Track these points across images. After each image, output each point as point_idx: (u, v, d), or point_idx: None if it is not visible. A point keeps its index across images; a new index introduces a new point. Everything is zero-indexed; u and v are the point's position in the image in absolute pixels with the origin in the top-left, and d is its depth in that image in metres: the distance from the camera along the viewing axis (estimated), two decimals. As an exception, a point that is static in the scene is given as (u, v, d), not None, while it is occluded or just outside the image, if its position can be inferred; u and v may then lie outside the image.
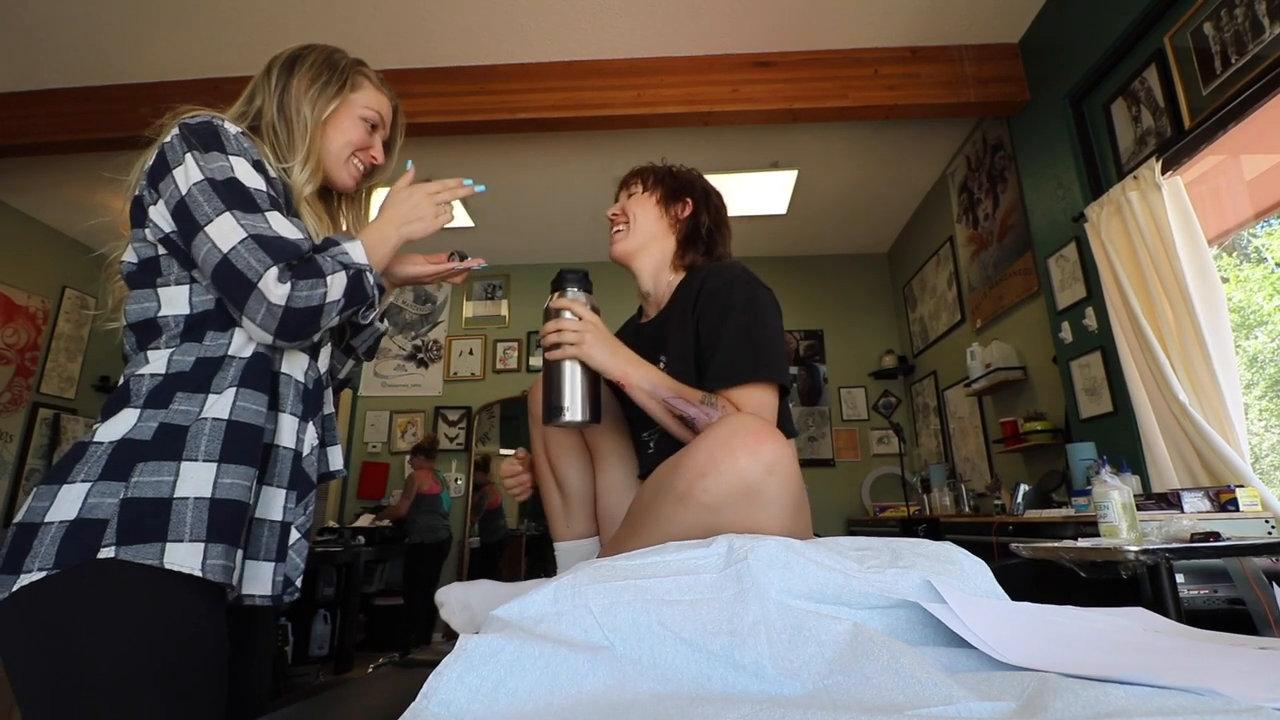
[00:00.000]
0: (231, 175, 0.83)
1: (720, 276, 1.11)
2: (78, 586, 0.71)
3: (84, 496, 0.73)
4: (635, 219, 1.25)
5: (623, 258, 1.26)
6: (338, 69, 0.99)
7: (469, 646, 0.50)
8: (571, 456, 1.21)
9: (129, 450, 0.76)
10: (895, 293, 5.17)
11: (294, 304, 0.80)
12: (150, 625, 0.72)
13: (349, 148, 1.00)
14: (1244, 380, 3.27)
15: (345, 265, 0.85)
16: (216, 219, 0.79)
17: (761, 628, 0.54)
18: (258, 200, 0.83)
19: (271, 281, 0.78)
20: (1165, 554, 1.45)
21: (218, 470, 0.77)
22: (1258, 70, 1.89)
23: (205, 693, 0.76)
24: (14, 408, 4.16)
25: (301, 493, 0.90)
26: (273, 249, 0.80)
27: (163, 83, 3.16)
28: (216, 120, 0.86)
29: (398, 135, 1.11)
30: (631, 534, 0.87)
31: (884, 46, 3.09)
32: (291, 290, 0.79)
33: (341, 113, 0.99)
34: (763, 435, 0.79)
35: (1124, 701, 0.40)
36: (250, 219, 0.81)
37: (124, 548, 0.71)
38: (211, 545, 0.75)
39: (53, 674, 0.70)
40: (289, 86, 0.95)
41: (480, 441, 5.31)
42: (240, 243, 0.79)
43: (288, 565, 0.87)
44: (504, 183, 4.20)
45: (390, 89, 1.07)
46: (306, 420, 0.91)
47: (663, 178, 1.29)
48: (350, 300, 0.85)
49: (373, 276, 0.89)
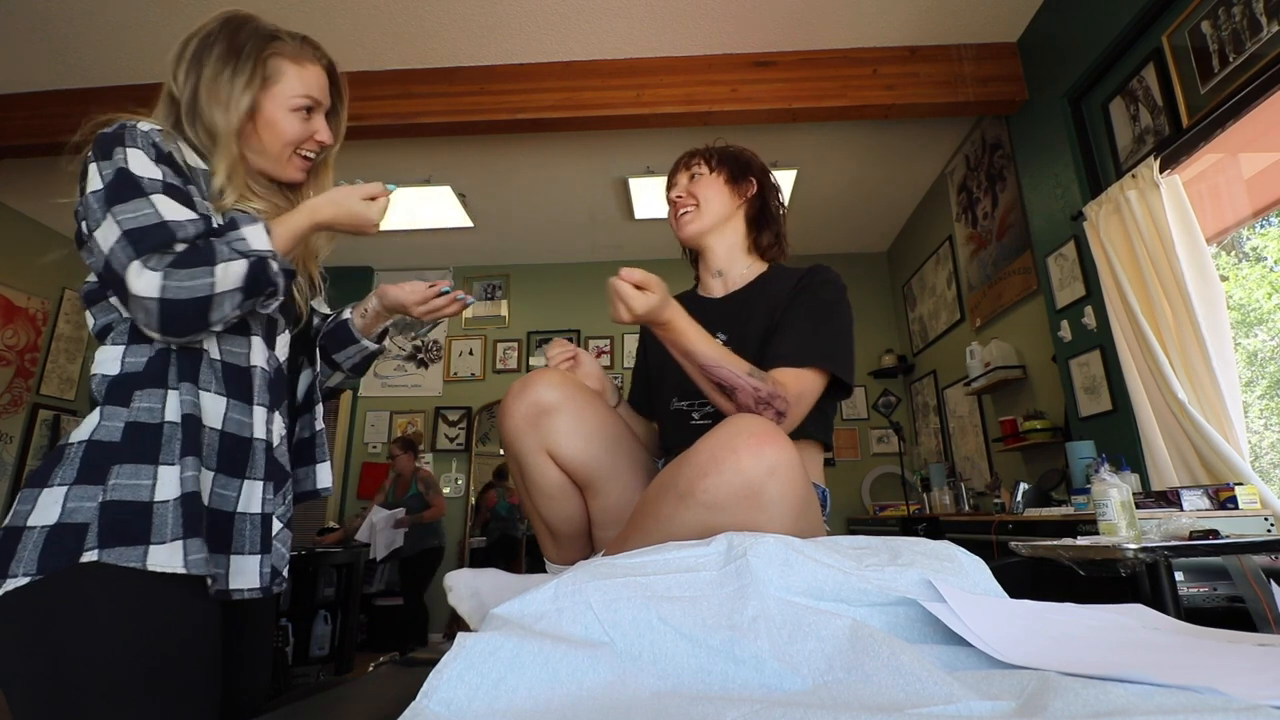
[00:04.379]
0: (122, 167, 0.79)
1: (819, 275, 1.15)
2: (64, 591, 0.71)
3: (63, 500, 0.73)
4: (705, 200, 1.26)
5: (695, 238, 1.27)
6: (243, 55, 0.89)
7: (469, 644, 0.50)
8: (556, 502, 1.06)
9: (100, 451, 0.76)
10: (895, 292, 5.17)
11: (170, 294, 0.75)
12: (139, 626, 0.72)
13: (288, 147, 0.93)
14: (1244, 379, 3.28)
15: (243, 253, 0.80)
16: (102, 224, 0.77)
17: (761, 623, 0.55)
18: (143, 185, 0.78)
19: (133, 275, 0.74)
20: (1164, 552, 1.45)
21: (180, 468, 0.77)
22: (1256, 69, 1.89)
23: (198, 692, 0.76)
24: (14, 409, 4.15)
25: (278, 483, 0.89)
26: (143, 239, 0.75)
27: (163, 83, 3.15)
28: (129, 124, 0.83)
29: (341, 99, 1.01)
30: (634, 532, 0.87)
31: (883, 46, 3.09)
32: (164, 280, 0.74)
33: (267, 111, 0.90)
34: (766, 437, 0.78)
35: (1124, 700, 0.40)
36: (130, 209, 0.76)
37: (106, 551, 0.71)
38: (189, 541, 0.75)
39: (43, 678, 0.70)
40: (200, 86, 0.88)
41: (480, 442, 5.31)
42: (116, 242, 0.75)
43: (274, 556, 0.87)
44: (504, 183, 4.20)
45: (317, 51, 0.96)
46: (273, 410, 0.89)
47: (726, 159, 1.29)
48: (251, 289, 0.80)
49: (277, 263, 0.83)
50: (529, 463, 1.02)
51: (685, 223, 1.26)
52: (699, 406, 1.16)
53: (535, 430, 1.00)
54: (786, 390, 0.99)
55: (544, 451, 1.01)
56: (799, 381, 1.01)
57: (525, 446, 1.01)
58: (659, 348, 1.26)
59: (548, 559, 1.17)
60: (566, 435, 1.00)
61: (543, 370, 1.05)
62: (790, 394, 0.99)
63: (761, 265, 1.28)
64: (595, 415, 1.04)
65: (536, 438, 1.00)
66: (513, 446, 1.03)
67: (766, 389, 0.97)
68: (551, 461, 1.02)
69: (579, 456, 1.01)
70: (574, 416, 1.01)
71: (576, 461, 1.02)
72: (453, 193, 4.20)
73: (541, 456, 1.01)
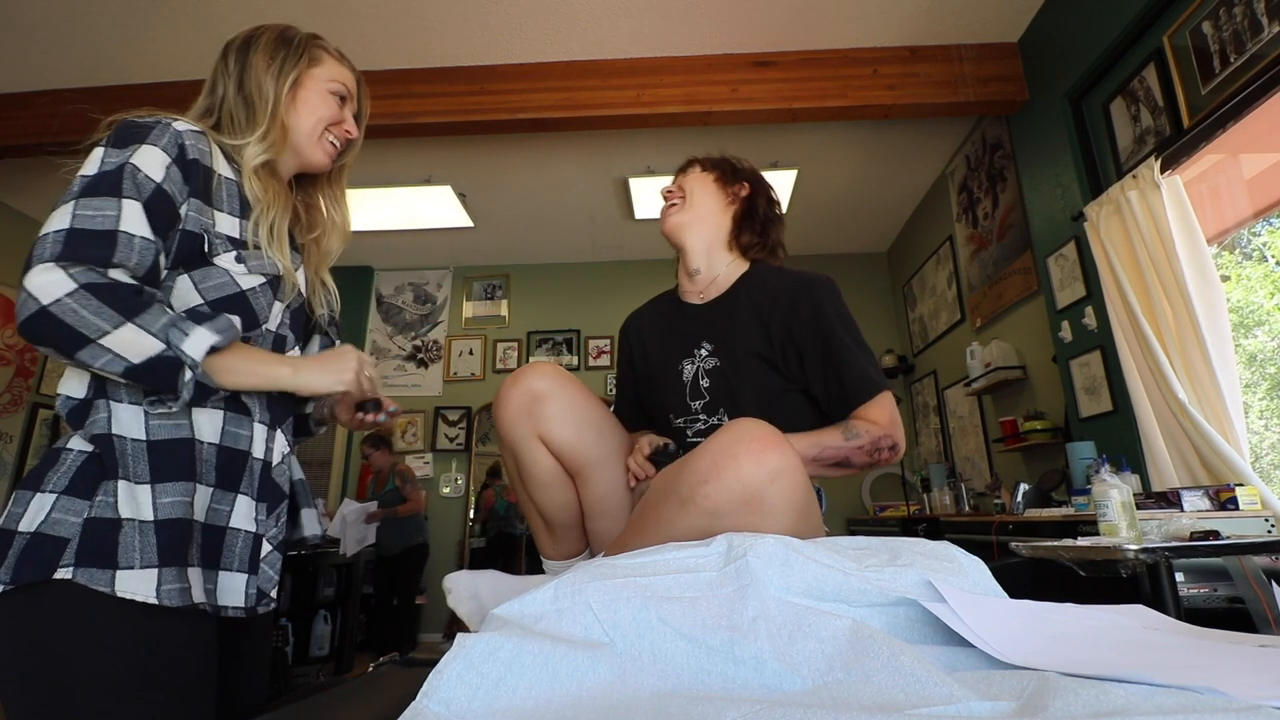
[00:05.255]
0: (126, 162, 0.76)
1: (820, 289, 1.14)
2: (38, 606, 0.70)
3: (49, 509, 0.72)
4: (690, 193, 1.26)
5: (674, 230, 1.25)
6: (293, 44, 0.95)
7: (469, 644, 0.50)
8: (549, 489, 1.09)
9: (96, 465, 0.75)
10: (895, 292, 5.17)
11: (56, 310, 0.68)
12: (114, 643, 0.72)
13: (321, 124, 0.96)
14: (1245, 379, 3.27)
15: (168, 340, 0.72)
16: (59, 208, 0.73)
17: (761, 623, 0.54)
18: (125, 187, 0.74)
19: (42, 269, 0.68)
20: (1165, 553, 1.45)
21: (166, 492, 0.75)
22: (1256, 69, 1.89)
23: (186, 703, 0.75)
24: (14, 409, 4.15)
25: (272, 505, 0.88)
26: (81, 245, 0.71)
27: (163, 83, 3.16)
28: (163, 120, 0.81)
29: (364, 108, 1.05)
30: (634, 536, 0.87)
31: (883, 46, 3.09)
32: (68, 295, 0.68)
33: (308, 88, 0.94)
34: (767, 442, 0.78)
35: (1124, 700, 0.40)
36: (93, 207, 0.72)
37: (81, 570, 0.71)
38: (165, 570, 0.74)
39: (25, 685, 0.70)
40: (247, 66, 0.91)
41: (480, 442, 5.31)
42: (54, 232, 0.71)
43: (260, 578, 0.86)
44: (504, 183, 4.20)
45: (350, 61, 1.02)
46: (274, 428, 0.89)
47: (720, 162, 1.30)
48: (139, 374, 0.72)
49: (196, 375, 0.74)
50: (523, 450, 1.06)
51: (668, 214, 1.26)
52: (691, 423, 1.16)
53: (529, 417, 1.04)
54: (881, 425, 1.04)
55: (537, 437, 1.05)
56: (882, 411, 1.05)
57: (520, 434, 1.05)
58: (645, 359, 1.27)
59: (544, 556, 1.18)
60: (558, 420, 1.04)
61: (535, 363, 1.10)
62: (886, 427, 1.04)
63: (743, 264, 1.26)
64: (585, 402, 1.08)
65: (530, 424, 1.04)
66: (508, 435, 1.06)
67: (868, 440, 1.02)
68: (544, 448, 1.06)
69: (570, 441, 1.05)
70: (565, 403, 1.05)
71: (567, 446, 1.05)
72: (453, 192, 4.20)
73: (535, 443, 1.05)
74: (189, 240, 0.80)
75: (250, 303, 0.84)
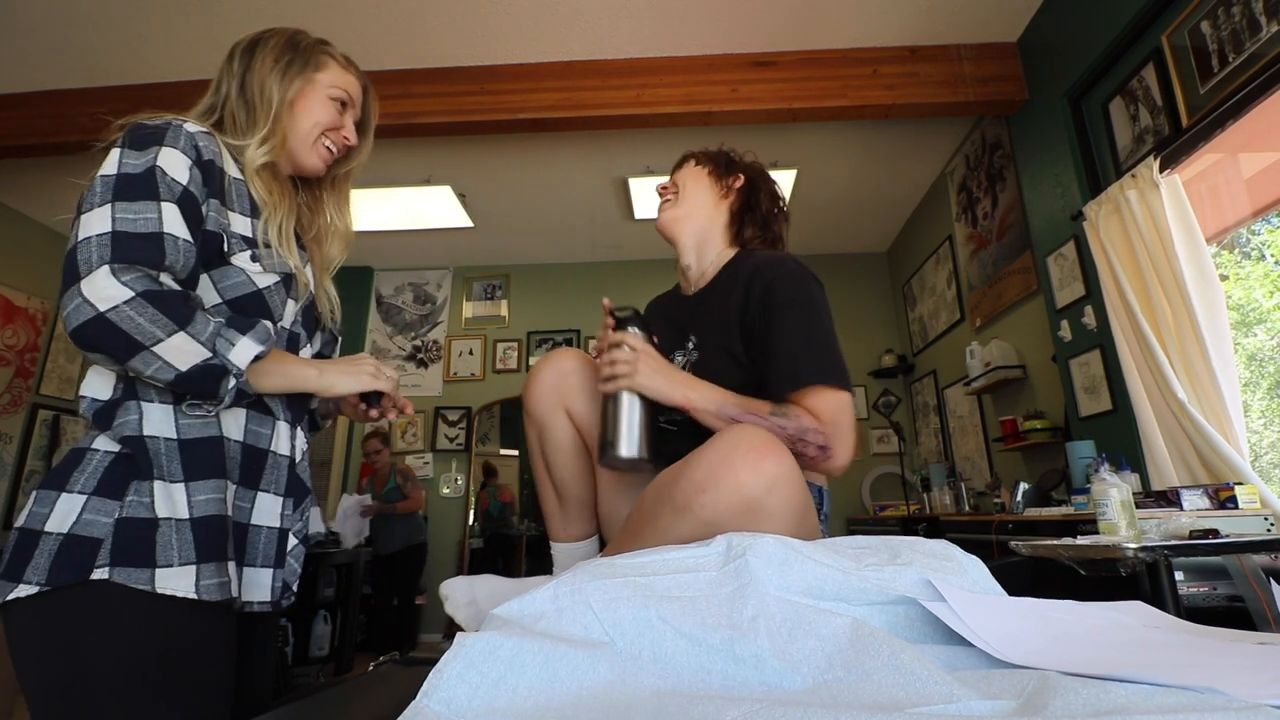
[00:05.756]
0: (152, 165, 0.76)
1: (774, 269, 1.06)
2: (73, 606, 0.71)
3: (80, 510, 0.72)
4: (684, 188, 1.24)
5: (666, 225, 1.24)
6: (300, 48, 0.95)
7: (468, 643, 0.50)
8: (568, 457, 1.15)
9: (124, 465, 0.75)
10: (894, 292, 5.17)
11: (114, 317, 0.69)
12: (148, 641, 0.72)
13: (317, 128, 0.95)
14: (1244, 378, 3.27)
15: (214, 350, 0.74)
16: (95, 210, 0.72)
17: (761, 622, 0.54)
18: (160, 190, 0.75)
19: (99, 276, 0.69)
20: (1164, 551, 1.45)
21: (200, 489, 0.76)
22: (1255, 68, 1.89)
23: (207, 701, 0.76)
24: (14, 409, 4.15)
25: (298, 500, 0.90)
26: (129, 246, 0.71)
27: (162, 83, 3.15)
28: (175, 122, 0.81)
29: (371, 116, 1.05)
30: (631, 540, 0.87)
31: (883, 46, 3.09)
32: (125, 302, 0.69)
33: (308, 93, 0.94)
34: (765, 450, 0.77)
35: (1124, 699, 0.40)
36: (134, 210, 0.73)
37: (118, 570, 0.71)
38: (204, 566, 0.75)
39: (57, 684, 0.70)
40: (251, 68, 0.92)
41: (480, 442, 5.31)
42: (98, 235, 0.71)
43: (286, 571, 0.88)
44: (504, 183, 4.20)
45: (358, 69, 1.02)
46: (295, 426, 0.91)
47: (715, 156, 1.29)
48: (185, 381, 0.73)
49: (236, 382, 0.76)
50: (549, 421, 1.15)
51: (662, 210, 1.26)
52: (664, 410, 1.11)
53: (556, 391, 1.14)
54: (819, 421, 0.94)
55: (563, 409, 1.14)
56: (826, 403, 0.96)
57: (548, 405, 1.14)
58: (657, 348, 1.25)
59: (554, 539, 1.20)
60: (579, 392, 1.13)
61: (564, 348, 1.21)
62: (823, 424, 0.94)
63: (730, 254, 1.22)
64: None
65: (557, 396, 1.14)
66: (536, 409, 1.15)
67: (794, 427, 0.94)
68: (569, 420, 1.14)
69: (588, 414, 1.13)
70: (588, 379, 1.14)
71: (586, 419, 1.14)
72: (453, 193, 4.20)
73: (560, 414, 1.14)
74: (210, 240, 0.81)
75: (266, 301, 0.85)
